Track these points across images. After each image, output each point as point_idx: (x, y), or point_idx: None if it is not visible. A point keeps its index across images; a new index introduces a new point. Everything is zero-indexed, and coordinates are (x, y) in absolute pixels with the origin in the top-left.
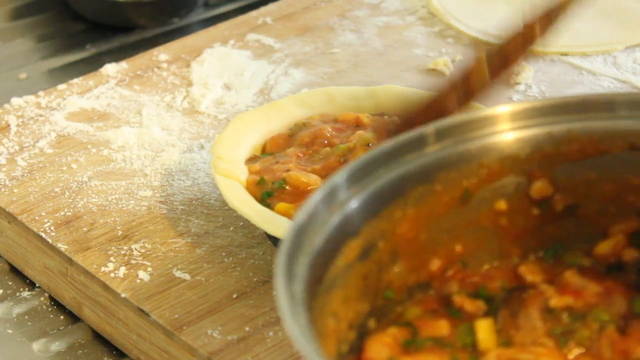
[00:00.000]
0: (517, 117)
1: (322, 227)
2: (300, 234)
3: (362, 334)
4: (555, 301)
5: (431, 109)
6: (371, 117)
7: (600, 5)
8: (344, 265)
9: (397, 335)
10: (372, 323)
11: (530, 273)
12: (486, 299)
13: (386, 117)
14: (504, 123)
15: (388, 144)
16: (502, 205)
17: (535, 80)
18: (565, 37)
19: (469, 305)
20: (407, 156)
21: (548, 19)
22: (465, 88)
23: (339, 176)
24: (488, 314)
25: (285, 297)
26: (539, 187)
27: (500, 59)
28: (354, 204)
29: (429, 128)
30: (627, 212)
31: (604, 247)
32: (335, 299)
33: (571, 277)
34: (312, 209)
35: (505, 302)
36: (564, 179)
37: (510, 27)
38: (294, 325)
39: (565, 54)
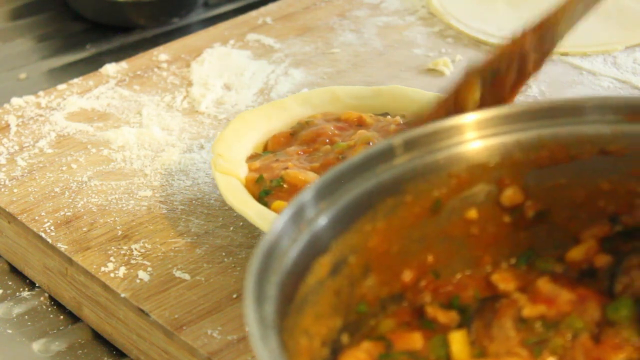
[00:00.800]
0: (485, 125)
1: (291, 245)
2: (270, 253)
3: (336, 350)
4: (528, 310)
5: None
6: (374, 117)
7: (600, 5)
8: (315, 283)
9: (371, 349)
10: (345, 338)
11: (502, 281)
12: (459, 309)
13: (389, 116)
14: (472, 131)
15: (355, 157)
16: (472, 214)
17: (535, 80)
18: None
19: (442, 316)
20: (375, 169)
21: (541, 35)
22: (454, 110)
23: (307, 193)
24: (461, 324)
25: (255, 320)
26: (510, 195)
27: (494, 82)
28: (322, 220)
29: (397, 139)
30: (598, 217)
31: (575, 253)
32: (307, 317)
33: (544, 285)
34: (281, 228)
35: (478, 313)
36: (534, 185)
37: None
38: (263, 350)
39: (565, 54)
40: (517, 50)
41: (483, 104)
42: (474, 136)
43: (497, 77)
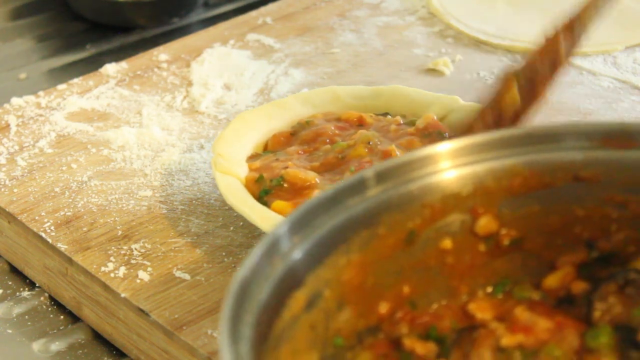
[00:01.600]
0: (457, 155)
1: (265, 281)
2: (244, 290)
3: None
4: (507, 340)
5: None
6: (375, 117)
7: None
8: (290, 318)
9: None
10: None
11: (479, 310)
12: (437, 340)
13: (390, 116)
14: (445, 161)
15: (328, 190)
16: (447, 243)
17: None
18: None
19: (420, 347)
20: (348, 201)
21: (571, 33)
22: (497, 115)
23: (280, 227)
24: (439, 355)
25: None
26: (484, 224)
27: (530, 82)
28: (297, 254)
29: (369, 171)
30: (574, 244)
31: (552, 280)
32: (284, 353)
33: (521, 313)
34: (255, 264)
35: (456, 343)
36: (508, 213)
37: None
38: None
39: None
40: (551, 50)
41: (521, 105)
42: (447, 166)
43: (534, 77)
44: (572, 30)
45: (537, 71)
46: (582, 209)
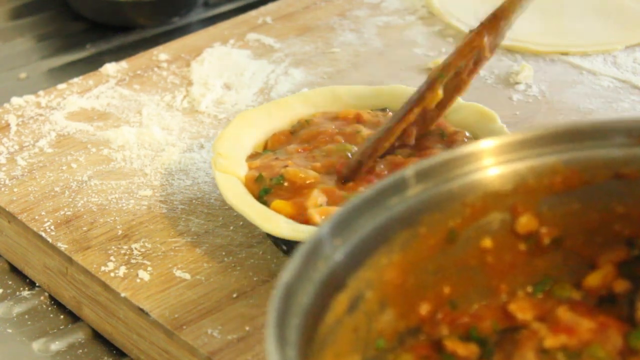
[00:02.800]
0: (498, 152)
1: (309, 284)
2: (288, 295)
3: None
4: (550, 341)
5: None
6: (372, 113)
7: (600, 5)
8: (334, 322)
9: None
10: None
11: (520, 310)
12: (478, 341)
13: (389, 112)
14: (485, 159)
15: (368, 190)
16: (487, 242)
17: (536, 80)
18: (565, 36)
19: (462, 349)
20: (389, 201)
21: (496, 28)
22: (421, 112)
23: (322, 229)
24: (482, 357)
25: None
26: (524, 222)
27: (455, 76)
28: (338, 256)
29: (409, 170)
30: (615, 242)
31: (593, 279)
32: (327, 357)
33: (563, 313)
34: (298, 267)
35: (498, 345)
36: (548, 212)
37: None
38: None
39: (565, 54)
40: (476, 46)
41: (444, 98)
42: (488, 164)
43: (458, 72)
44: (496, 25)
45: (460, 67)
46: (623, 207)
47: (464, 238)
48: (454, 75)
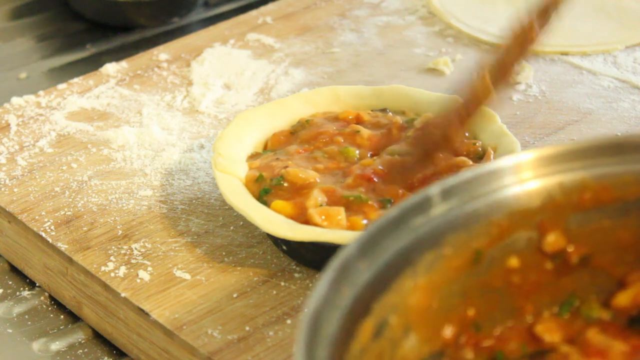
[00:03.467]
0: (524, 169)
1: (335, 311)
2: (315, 323)
3: None
4: None
5: (439, 127)
6: (372, 113)
7: (600, 5)
8: (359, 350)
9: None
10: None
11: (547, 332)
12: None
13: (389, 112)
14: (511, 176)
15: (393, 210)
16: (514, 262)
17: (536, 80)
18: (565, 36)
19: None
20: (413, 221)
21: (544, 17)
22: (470, 102)
23: (349, 252)
24: None
25: None
26: (552, 240)
27: (502, 65)
28: (364, 280)
29: (434, 189)
30: None
31: (623, 298)
32: None
33: (594, 336)
34: (324, 293)
35: None
36: (576, 229)
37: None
38: None
39: (565, 54)
40: (525, 37)
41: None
42: (514, 181)
43: (505, 62)
44: (546, 15)
45: (509, 56)
46: None
47: (489, 258)
48: (500, 68)
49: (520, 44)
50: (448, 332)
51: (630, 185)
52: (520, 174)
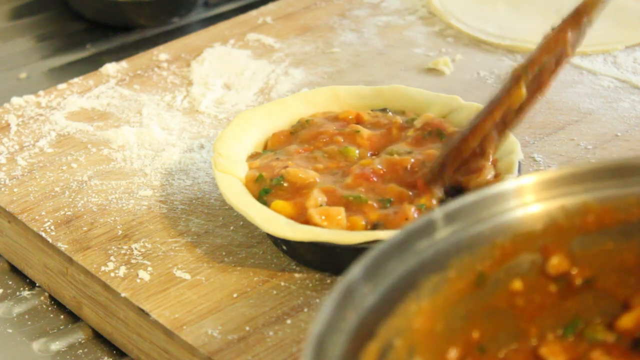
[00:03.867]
0: (527, 192)
1: (340, 335)
2: (319, 347)
3: None
4: None
5: (475, 138)
6: (372, 113)
7: None
8: None
9: None
10: None
11: (552, 354)
12: None
13: (389, 112)
14: (514, 199)
15: (397, 234)
16: (517, 285)
17: None
18: None
19: None
20: (418, 245)
21: (577, 25)
22: (504, 112)
23: (353, 275)
24: None
25: None
26: (555, 263)
27: (538, 75)
28: (369, 303)
29: (438, 212)
30: None
31: (627, 320)
32: None
33: (598, 358)
34: (329, 317)
35: None
36: (580, 252)
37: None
38: None
39: None
40: (559, 42)
41: (527, 98)
42: (517, 204)
43: (540, 70)
44: (579, 21)
45: (543, 65)
46: None
47: (493, 281)
48: (534, 76)
49: (554, 53)
50: (453, 354)
51: (633, 207)
52: (523, 197)
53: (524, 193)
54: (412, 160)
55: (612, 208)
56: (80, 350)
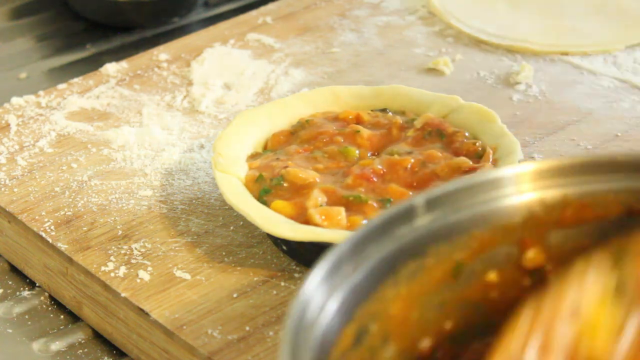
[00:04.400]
0: (507, 183)
1: (319, 314)
2: (299, 326)
3: None
4: None
5: None
6: (372, 113)
7: (600, 5)
8: (340, 355)
9: None
10: None
11: None
12: None
13: (389, 112)
14: (494, 190)
15: (377, 218)
16: (493, 276)
17: (536, 80)
18: (565, 36)
19: None
20: (397, 231)
21: None
22: None
23: (335, 253)
24: None
25: None
26: (531, 256)
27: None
28: (348, 286)
29: (419, 199)
30: None
31: None
32: None
33: None
34: (311, 293)
35: None
36: (556, 247)
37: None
38: None
39: (565, 54)
40: None
41: None
42: (496, 195)
43: None
44: None
45: None
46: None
47: (469, 271)
48: None
49: None
50: (425, 344)
51: (611, 205)
52: (503, 188)
53: (504, 184)
54: (412, 160)
55: (591, 203)
56: (80, 350)
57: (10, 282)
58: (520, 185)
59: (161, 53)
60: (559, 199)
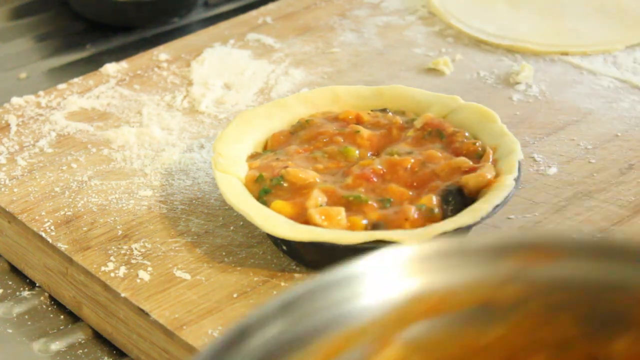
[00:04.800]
0: (361, 281)
1: None
2: None
3: None
4: None
5: None
6: (372, 114)
7: (600, 5)
8: None
9: None
10: None
11: None
12: None
13: (389, 112)
14: (353, 286)
15: (230, 331)
16: None
17: (535, 80)
18: (565, 36)
19: None
20: (250, 343)
21: None
22: None
23: None
24: None
25: None
26: (389, 355)
27: None
28: None
29: (274, 303)
30: None
31: None
32: None
33: None
34: None
35: None
36: (414, 341)
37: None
38: None
39: (565, 54)
40: None
41: None
42: (351, 294)
43: None
44: None
45: None
46: (485, 337)
47: None
48: None
49: None
50: None
51: (465, 295)
52: (362, 284)
53: (357, 282)
54: (412, 160)
55: (451, 294)
56: (80, 350)
57: (10, 282)
58: (376, 280)
59: (161, 53)
60: (419, 290)
